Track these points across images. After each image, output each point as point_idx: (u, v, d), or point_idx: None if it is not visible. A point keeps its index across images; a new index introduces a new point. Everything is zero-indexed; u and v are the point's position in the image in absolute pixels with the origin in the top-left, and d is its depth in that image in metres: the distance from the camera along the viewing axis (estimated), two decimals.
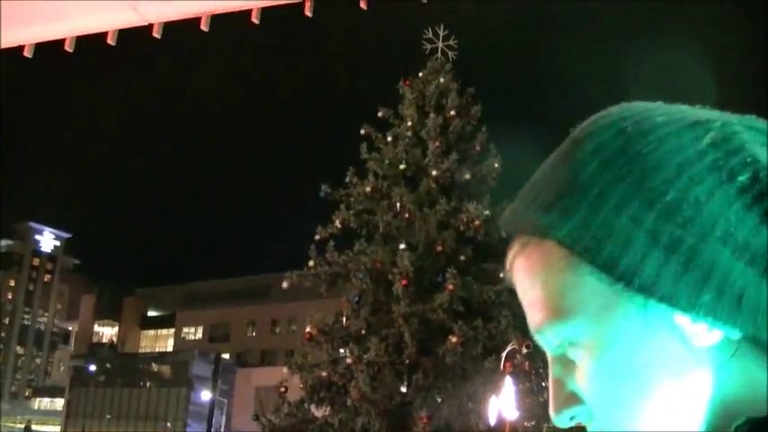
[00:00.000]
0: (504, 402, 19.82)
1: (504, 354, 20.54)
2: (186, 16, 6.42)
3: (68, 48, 6.68)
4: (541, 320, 1.01)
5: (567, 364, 1.00)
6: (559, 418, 1.01)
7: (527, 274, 1.03)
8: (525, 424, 22.40)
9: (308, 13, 6.40)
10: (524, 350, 20.53)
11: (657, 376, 0.95)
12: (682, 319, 0.94)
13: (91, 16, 6.50)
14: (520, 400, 20.42)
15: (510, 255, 1.07)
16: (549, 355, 1.03)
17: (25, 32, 6.69)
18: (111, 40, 6.60)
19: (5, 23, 6.60)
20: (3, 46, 6.77)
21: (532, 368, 22.46)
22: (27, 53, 6.80)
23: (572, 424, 1.01)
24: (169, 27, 6.50)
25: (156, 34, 6.45)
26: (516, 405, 20.05)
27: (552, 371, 1.02)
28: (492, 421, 20.16)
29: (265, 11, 6.37)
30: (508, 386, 19.92)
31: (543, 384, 24.26)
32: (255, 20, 6.39)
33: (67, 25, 6.61)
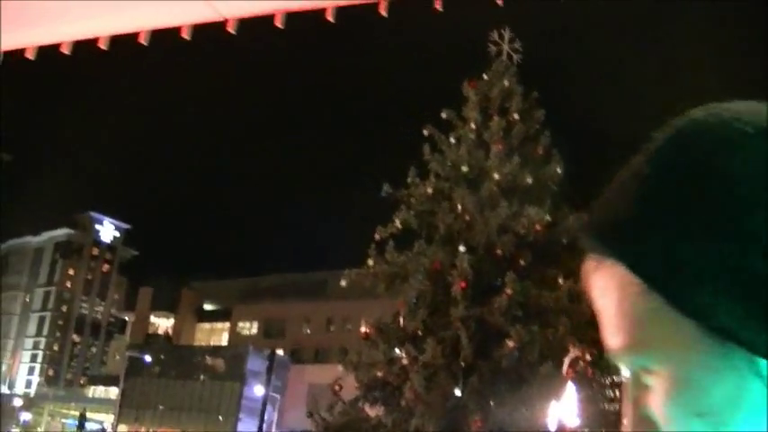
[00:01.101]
0: (565, 409, 19.63)
1: (566, 359, 20.36)
2: (262, 13, 6.44)
3: (143, 41, 6.73)
4: (617, 347, 0.97)
5: (641, 387, 0.96)
6: None
7: (602, 293, 0.99)
8: (585, 431, 22.23)
9: (384, 12, 6.39)
10: (588, 357, 20.36)
11: (734, 417, 0.89)
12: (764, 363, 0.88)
13: (166, 11, 6.55)
14: (581, 408, 20.21)
15: (585, 269, 1.03)
16: (626, 375, 0.99)
17: (99, 25, 6.75)
18: (185, 35, 6.64)
19: (80, 16, 6.66)
20: (78, 38, 6.84)
21: (595, 376, 22.30)
22: (102, 45, 6.86)
23: None
24: (243, 22, 6.52)
25: (231, 30, 6.48)
26: (578, 412, 19.84)
27: (629, 391, 0.98)
28: (552, 427, 19.99)
29: (338, 9, 6.37)
30: (570, 392, 19.71)
31: (605, 393, 24.11)
32: (330, 18, 6.39)
33: (142, 19, 6.66)
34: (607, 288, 0.98)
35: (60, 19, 6.72)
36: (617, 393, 24.74)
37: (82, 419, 77.91)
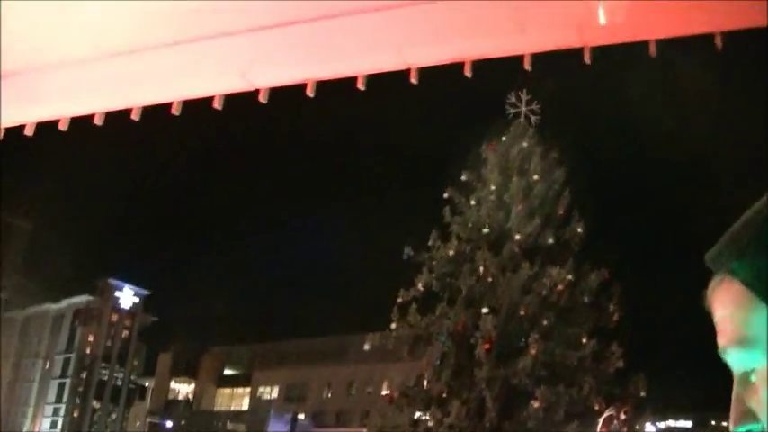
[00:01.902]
0: None
1: (600, 419, 20.22)
2: (293, 82, 6.57)
3: (175, 111, 6.87)
4: (725, 344, 1.12)
5: (747, 383, 1.10)
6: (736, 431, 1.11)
7: (719, 306, 1.15)
8: None
9: (414, 80, 6.52)
10: (622, 416, 20.22)
11: None
12: None
13: (199, 82, 6.69)
14: None
15: (710, 286, 1.17)
16: (734, 373, 1.13)
17: (133, 96, 6.90)
18: (217, 105, 6.78)
19: (116, 88, 6.82)
20: (113, 109, 6.99)
21: None
22: (135, 116, 7.01)
23: None
24: (274, 91, 6.66)
25: (263, 99, 6.62)
26: None
27: (735, 386, 1.12)
28: None
29: (368, 77, 6.50)
30: None
31: None
32: (361, 86, 6.52)
33: (177, 90, 6.80)
34: (724, 301, 1.14)
35: (94, 91, 6.86)
36: None
37: None
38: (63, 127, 7.18)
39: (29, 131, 7.12)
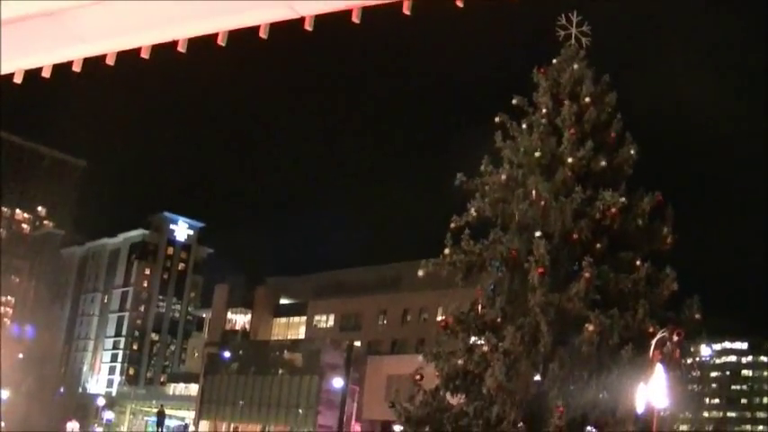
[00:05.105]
0: (653, 390, 19.36)
1: (653, 341, 20.14)
2: (338, 9, 6.52)
3: (221, 42, 6.85)
4: None
5: None
6: None
7: None
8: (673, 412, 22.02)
9: (459, 3, 6.44)
10: (675, 338, 20.11)
11: None
12: None
13: (245, 12, 6.65)
14: (669, 389, 19.89)
15: None
16: None
17: (180, 29, 6.88)
18: (263, 34, 6.75)
19: (160, 21, 6.80)
20: (159, 42, 6.98)
21: (682, 357, 22.10)
22: (181, 48, 6.99)
23: None
24: (320, 19, 6.62)
25: (308, 27, 6.57)
26: (666, 393, 19.55)
27: None
28: (640, 409, 19.79)
29: (414, 2, 6.43)
30: (658, 374, 19.39)
31: (692, 374, 23.88)
32: (407, 11, 6.45)
33: (223, 20, 6.77)
34: None
35: (140, 25, 6.86)
36: (701, 374, 24.57)
37: (160, 417, 78.56)
38: (110, 62, 7.20)
39: (76, 67, 7.14)
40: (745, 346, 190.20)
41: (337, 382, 65.68)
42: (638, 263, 24.67)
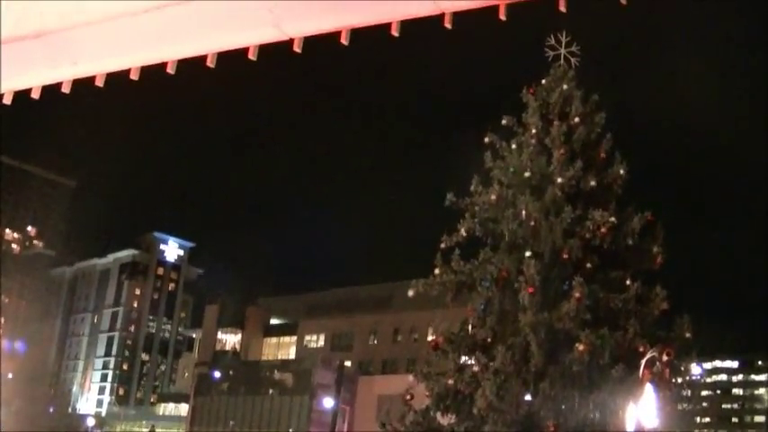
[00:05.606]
0: (643, 410, 19.37)
1: (643, 360, 20.16)
2: (326, 31, 6.54)
3: (210, 63, 6.87)
4: None
5: None
6: None
7: None
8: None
9: (448, 24, 6.47)
10: (665, 357, 20.13)
11: None
12: None
13: (233, 33, 6.67)
14: (659, 408, 19.90)
15: None
16: None
17: (169, 50, 6.90)
18: (252, 56, 6.77)
19: (150, 43, 6.82)
20: (148, 63, 7.00)
21: (672, 376, 22.10)
22: (170, 70, 7.01)
23: None
24: (309, 41, 6.64)
25: (297, 49, 6.59)
26: (656, 413, 19.55)
27: None
28: (630, 429, 19.78)
29: (405, 23, 6.46)
30: (648, 394, 19.42)
31: (683, 393, 23.88)
32: (395, 32, 6.48)
33: (211, 42, 6.79)
34: None
35: (129, 47, 6.87)
36: (692, 393, 24.56)
37: None
38: (100, 83, 7.22)
39: (66, 89, 7.15)
40: (735, 364, 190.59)
41: (328, 402, 65.61)
42: (628, 282, 24.70)
